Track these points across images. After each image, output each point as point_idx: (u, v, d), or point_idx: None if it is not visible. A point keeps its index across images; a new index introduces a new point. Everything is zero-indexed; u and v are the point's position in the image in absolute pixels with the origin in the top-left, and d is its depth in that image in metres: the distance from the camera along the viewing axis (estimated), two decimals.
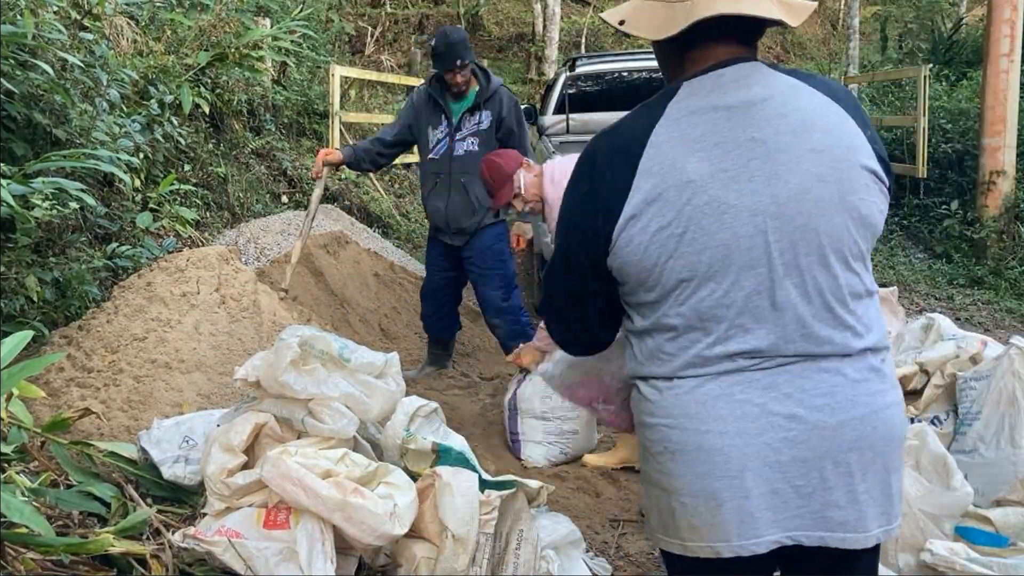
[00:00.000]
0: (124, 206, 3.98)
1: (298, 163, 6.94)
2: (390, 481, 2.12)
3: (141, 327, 2.90)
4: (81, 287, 3.21)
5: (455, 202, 4.13)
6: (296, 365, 2.14)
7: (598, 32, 17.51)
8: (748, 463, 1.28)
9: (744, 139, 1.28)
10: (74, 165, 2.99)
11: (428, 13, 17.01)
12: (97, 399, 2.64)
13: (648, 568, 2.79)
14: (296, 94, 7.63)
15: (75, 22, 3.67)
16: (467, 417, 3.98)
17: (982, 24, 8.36)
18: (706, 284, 1.28)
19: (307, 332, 2.23)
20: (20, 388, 2.22)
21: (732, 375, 1.30)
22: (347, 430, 2.20)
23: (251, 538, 1.98)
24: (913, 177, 8.03)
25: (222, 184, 5.43)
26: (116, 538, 1.90)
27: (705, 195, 1.27)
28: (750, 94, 1.31)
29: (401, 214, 8.26)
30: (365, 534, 1.99)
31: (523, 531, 2.29)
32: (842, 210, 1.28)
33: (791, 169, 1.27)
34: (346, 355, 2.27)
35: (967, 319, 5.83)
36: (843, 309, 1.29)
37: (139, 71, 4.42)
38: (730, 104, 1.30)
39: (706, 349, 1.30)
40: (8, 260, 2.89)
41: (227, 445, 2.12)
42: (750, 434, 1.28)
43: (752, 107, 1.30)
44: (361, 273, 5.20)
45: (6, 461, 2.11)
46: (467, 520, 2.09)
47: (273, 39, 5.58)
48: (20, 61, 3.09)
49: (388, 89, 10.67)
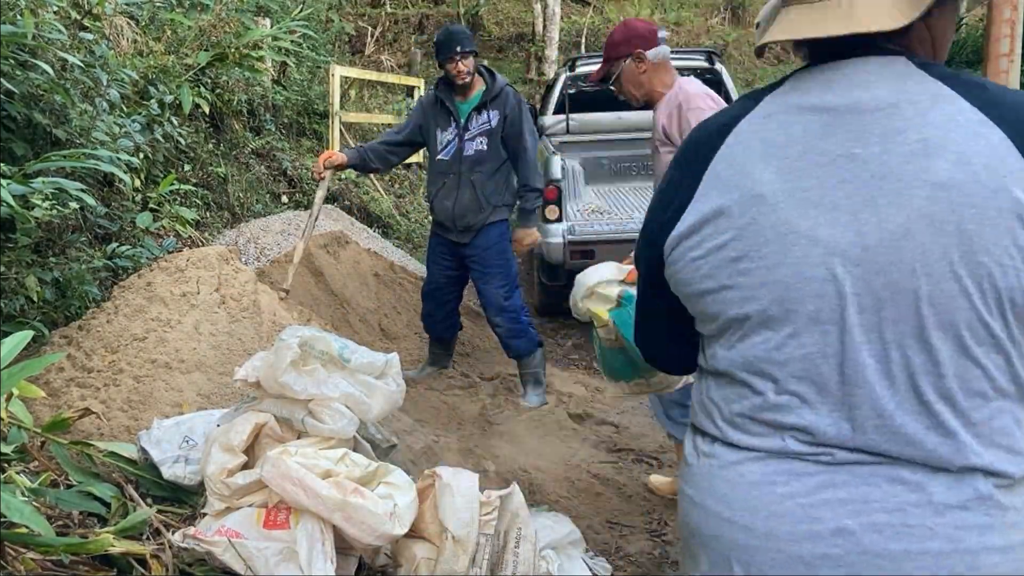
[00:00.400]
0: (124, 206, 3.98)
1: (298, 163, 6.94)
2: (390, 481, 2.13)
3: (141, 327, 2.90)
4: (81, 287, 3.22)
5: (464, 200, 4.15)
6: (296, 365, 2.15)
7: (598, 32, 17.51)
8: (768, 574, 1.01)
9: (839, 153, 0.98)
10: (74, 165, 2.99)
11: (428, 13, 17.01)
12: (97, 399, 2.64)
13: (648, 568, 2.80)
14: (296, 94, 7.64)
15: (75, 22, 3.67)
16: (467, 417, 3.98)
17: (982, 24, 8.35)
18: (760, 330, 1.02)
19: (307, 332, 2.23)
20: (20, 388, 2.22)
21: (780, 460, 1.02)
22: (347, 430, 2.20)
23: (251, 538, 1.98)
24: None
25: (222, 184, 5.43)
26: (116, 538, 1.90)
27: (773, 216, 1.00)
28: (866, 96, 0.99)
29: (401, 214, 8.26)
30: (365, 534, 1.99)
31: (522, 530, 2.29)
32: (961, 272, 0.93)
33: (894, 203, 0.95)
34: (346, 355, 2.27)
35: None
36: (945, 405, 0.95)
37: (139, 71, 4.43)
38: (833, 105, 1.00)
39: (752, 410, 1.04)
40: (8, 260, 2.89)
41: (227, 445, 2.12)
42: (781, 538, 1.01)
43: (863, 114, 0.99)
44: (361, 273, 5.20)
45: (6, 461, 2.11)
46: (467, 521, 2.09)
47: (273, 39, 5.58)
48: (20, 61, 3.09)
49: (388, 89, 10.67)
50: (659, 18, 18.54)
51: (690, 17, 18.92)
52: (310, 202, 6.65)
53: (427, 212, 8.63)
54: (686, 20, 18.70)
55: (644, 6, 18.65)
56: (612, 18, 18.23)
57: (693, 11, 19.20)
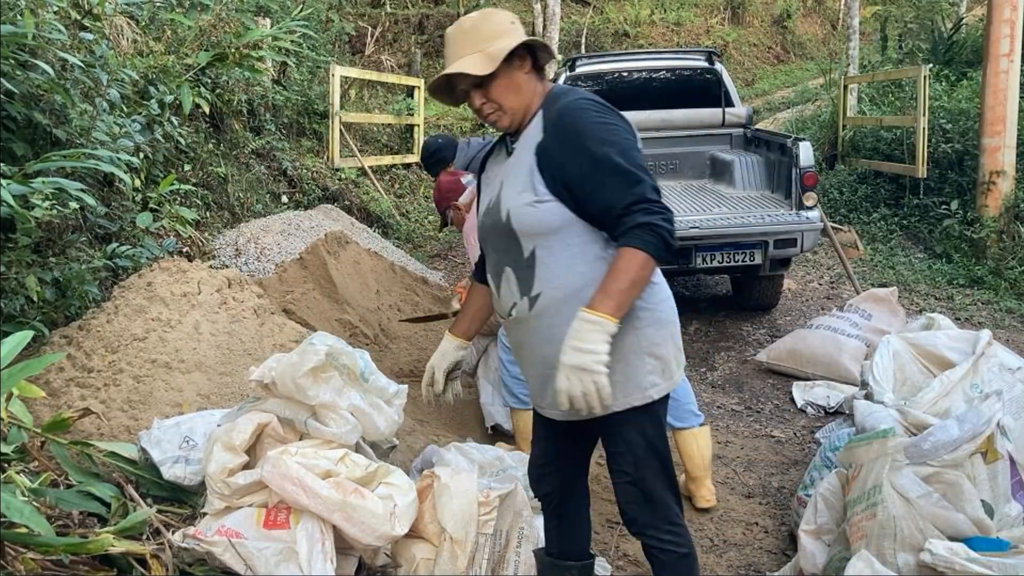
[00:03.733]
0: (124, 206, 3.98)
1: (298, 163, 6.94)
2: (390, 482, 2.13)
3: (141, 327, 2.90)
4: (81, 287, 3.21)
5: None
6: (315, 371, 2.15)
7: (598, 32, 17.51)
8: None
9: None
10: (74, 165, 2.99)
11: (428, 13, 17.01)
12: (97, 399, 2.64)
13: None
14: (296, 94, 7.64)
15: (75, 22, 3.67)
16: (467, 417, 3.98)
17: (982, 24, 8.36)
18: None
19: (337, 345, 2.25)
20: (20, 388, 2.22)
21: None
22: (349, 437, 2.20)
23: (251, 538, 1.98)
24: (913, 177, 8.03)
25: (222, 184, 5.43)
26: (116, 538, 1.90)
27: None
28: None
29: (401, 214, 8.26)
30: (365, 534, 1.99)
31: (523, 529, 2.29)
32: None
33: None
34: (366, 375, 2.30)
35: (967, 319, 5.83)
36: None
37: (139, 71, 4.42)
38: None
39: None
40: (8, 260, 2.88)
41: (229, 444, 2.12)
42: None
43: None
44: (361, 273, 5.20)
45: (6, 461, 2.11)
46: (465, 522, 2.09)
47: (273, 39, 5.57)
48: (20, 61, 3.09)
49: (388, 89, 10.67)
50: (659, 18, 18.53)
51: (690, 17, 18.91)
52: (310, 202, 6.67)
53: (427, 213, 8.63)
54: (686, 20, 18.69)
55: (644, 6, 18.64)
56: (612, 18, 18.23)
57: (693, 11, 19.19)
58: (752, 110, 6.76)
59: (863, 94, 10.78)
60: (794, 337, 4.88)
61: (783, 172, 5.60)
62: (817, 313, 5.87)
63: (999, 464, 2.34)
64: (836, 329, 4.73)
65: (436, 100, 2.01)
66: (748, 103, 10.81)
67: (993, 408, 2.33)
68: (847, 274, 6.17)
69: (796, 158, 5.34)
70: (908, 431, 2.49)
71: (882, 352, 3.00)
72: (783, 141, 5.67)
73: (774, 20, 20.04)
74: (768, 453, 3.77)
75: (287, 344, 3.13)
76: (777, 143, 5.79)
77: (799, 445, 3.88)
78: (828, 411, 4.24)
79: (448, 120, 12.95)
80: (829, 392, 4.37)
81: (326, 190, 7.13)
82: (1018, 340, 5.30)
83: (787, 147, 5.52)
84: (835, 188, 8.93)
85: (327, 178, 7.39)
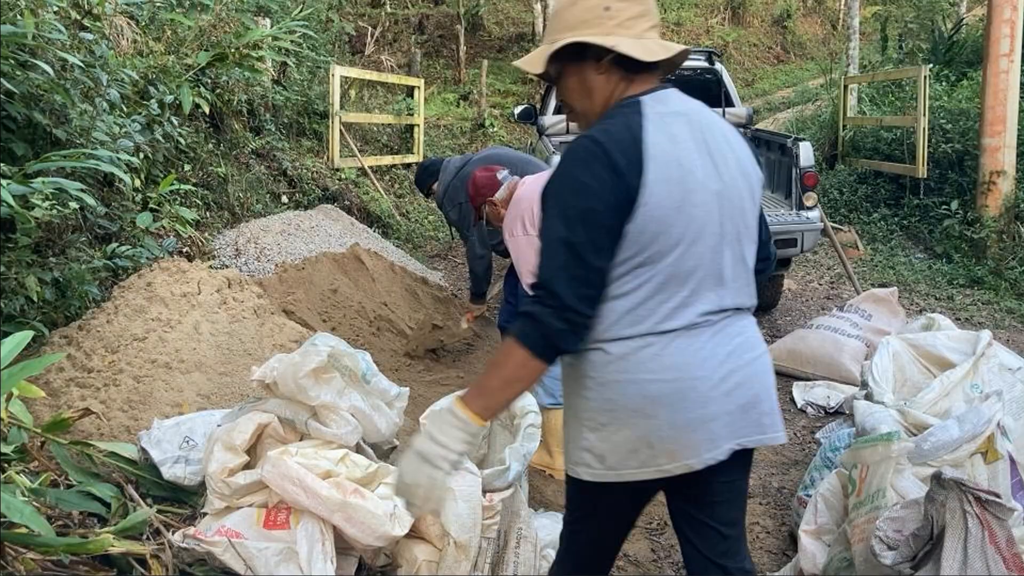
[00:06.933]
0: (124, 206, 3.98)
1: (298, 163, 6.94)
2: (390, 482, 2.12)
3: (141, 327, 2.90)
4: (81, 287, 3.21)
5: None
6: (317, 372, 2.16)
7: None
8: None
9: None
10: (74, 165, 2.99)
11: (428, 13, 17.01)
12: (97, 399, 2.64)
13: (648, 568, 2.80)
14: (296, 94, 7.63)
15: (75, 22, 3.67)
16: None
17: (982, 24, 8.36)
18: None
19: (340, 346, 2.26)
20: (20, 388, 2.22)
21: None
22: (350, 438, 2.20)
23: (251, 538, 1.98)
24: (913, 177, 8.03)
25: (222, 184, 5.43)
26: (116, 538, 1.90)
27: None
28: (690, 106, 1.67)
29: (401, 214, 8.26)
30: (365, 535, 1.99)
31: (522, 530, 2.29)
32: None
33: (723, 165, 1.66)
34: (368, 377, 2.31)
35: (967, 319, 5.83)
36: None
37: (139, 71, 4.42)
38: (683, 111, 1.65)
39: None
40: (8, 260, 2.88)
41: (229, 444, 2.12)
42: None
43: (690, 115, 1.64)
44: (361, 273, 5.20)
45: (6, 461, 2.11)
46: (470, 526, 2.08)
47: (273, 39, 5.57)
48: (20, 61, 3.09)
49: (388, 89, 10.66)
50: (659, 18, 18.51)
51: (690, 17, 18.90)
52: (310, 202, 6.66)
53: (427, 212, 8.63)
54: (686, 20, 18.69)
55: None
56: None
57: (693, 11, 19.18)
58: (752, 110, 6.76)
59: (863, 94, 10.78)
60: (794, 337, 4.88)
61: (783, 172, 5.61)
62: (817, 313, 5.87)
63: (999, 464, 2.34)
64: (836, 329, 4.73)
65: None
66: (748, 103, 10.82)
67: (993, 408, 2.33)
68: (847, 274, 6.17)
69: (796, 158, 5.35)
70: (908, 431, 2.50)
71: (882, 352, 3.00)
72: (783, 141, 5.67)
73: (774, 20, 20.03)
74: (768, 453, 3.77)
75: (287, 344, 3.13)
76: (777, 143, 5.79)
77: (799, 445, 3.88)
78: (828, 411, 4.24)
79: (448, 120, 12.95)
80: (829, 392, 4.37)
81: (326, 190, 7.12)
82: (1018, 340, 5.30)
83: (787, 147, 5.52)
84: (835, 188, 8.92)
85: (327, 178, 7.38)
